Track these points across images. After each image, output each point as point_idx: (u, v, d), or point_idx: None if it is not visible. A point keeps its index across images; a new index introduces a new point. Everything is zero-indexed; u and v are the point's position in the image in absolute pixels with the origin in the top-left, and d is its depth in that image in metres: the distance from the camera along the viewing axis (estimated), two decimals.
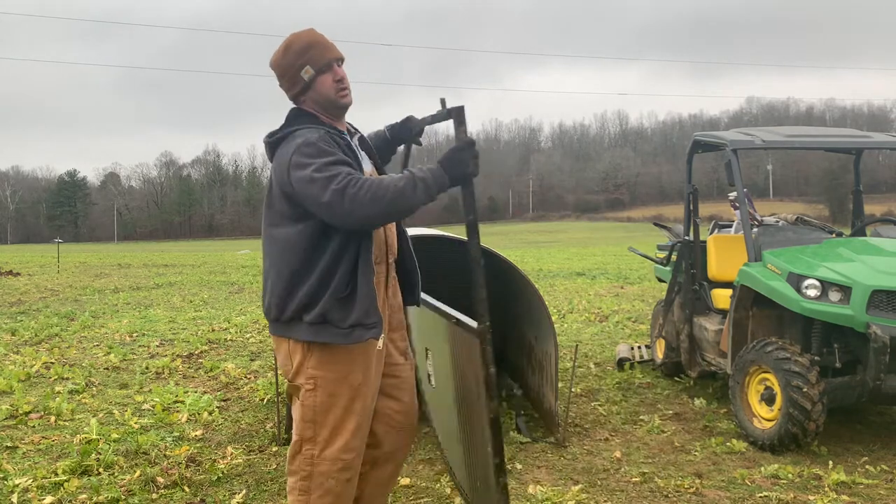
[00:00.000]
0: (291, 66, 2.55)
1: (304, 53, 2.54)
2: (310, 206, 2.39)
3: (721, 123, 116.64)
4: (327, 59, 2.56)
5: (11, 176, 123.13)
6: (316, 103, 2.59)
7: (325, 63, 2.55)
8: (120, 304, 13.20)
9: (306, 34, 2.59)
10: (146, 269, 25.43)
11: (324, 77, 2.56)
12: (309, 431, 2.53)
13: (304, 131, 2.47)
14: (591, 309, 11.77)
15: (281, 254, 2.49)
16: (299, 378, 2.54)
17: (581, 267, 23.49)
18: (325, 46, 2.57)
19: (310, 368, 2.51)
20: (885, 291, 4.29)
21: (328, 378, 2.50)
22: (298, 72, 2.54)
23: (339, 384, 2.51)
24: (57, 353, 7.84)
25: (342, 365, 2.51)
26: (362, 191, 2.30)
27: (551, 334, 4.64)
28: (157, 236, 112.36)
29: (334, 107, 2.60)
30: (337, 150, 2.43)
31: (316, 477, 2.53)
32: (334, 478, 2.53)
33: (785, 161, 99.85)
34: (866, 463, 4.27)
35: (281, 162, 2.45)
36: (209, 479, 3.96)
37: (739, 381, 4.76)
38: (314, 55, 2.54)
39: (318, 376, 2.51)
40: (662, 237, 7.31)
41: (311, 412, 2.52)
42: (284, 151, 2.46)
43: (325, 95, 2.57)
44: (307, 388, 2.52)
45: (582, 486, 3.87)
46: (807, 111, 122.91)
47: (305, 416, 2.53)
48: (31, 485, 3.82)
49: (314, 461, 2.53)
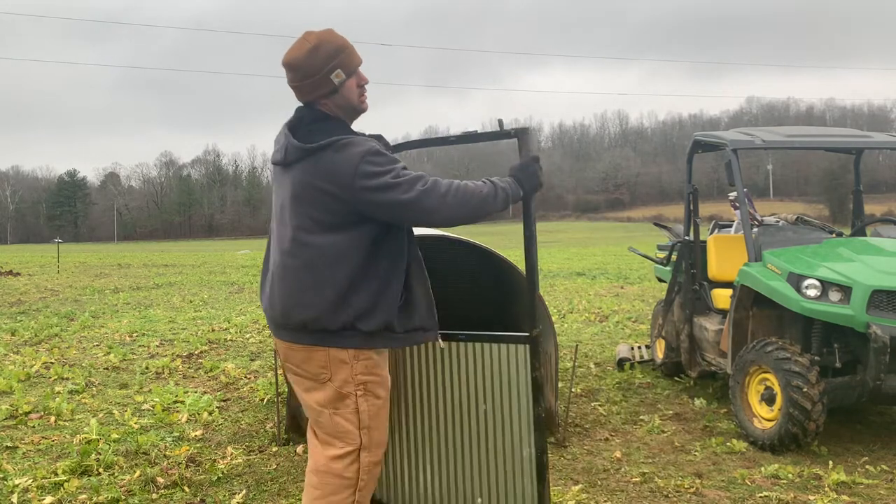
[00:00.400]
0: (321, 68, 2.47)
1: (335, 56, 2.48)
2: (382, 210, 2.38)
3: (721, 123, 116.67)
4: (356, 63, 2.54)
5: (11, 176, 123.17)
6: (338, 107, 2.54)
7: (354, 68, 2.53)
8: (120, 304, 13.20)
9: (334, 36, 2.52)
10: (146, 269, 25.43)
11: (351, 81, 2.53)
12: (366, 438, 2.53)
13: (359, 139, 2.43)
14: (591, 309, 11.77)
15: (326, 262, 2.42)
16: (349, 387, 2.50)
17: (581, 267, 23.49)
18: (353, 50, 2.54)
19: (359, 375, 2.50)
20: (886, 291, 4.28)
21: (374, 382, 2.53)
22: (329, 75, 2.47)
23: (381, 386, 2.57)
24: (57, 353, 7.84)
25: (381, 367, 2.58)
26: (451, 193, 2.39)
27: (551, 334, 4.65)
28: (157, 236, 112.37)
29: (354, 112, 2.58)
30: (393, 155, 2.47)
31: (370, 483, 2.57)
32: (376, 478, 2.62)
33: (785, 161, 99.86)
34: (866, 463, 4.27)
35: (340, 170, 2.36)
36: (209, 479, 3.96)
37: (739, 381, 4.76)
38: (345, 59, 2.50)
39: (367, 381, 2.52)
40: (662, 237, 7.31)
41: (367, 418, 2.53)
42: (342, 159, 2.37)
43: (349, 100, 2.54)
44: (359, 395, 2.51)
45: (582, 486, 3.87)
46: (807, 111, 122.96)
47: (362, 422, 2.52)
48: (31, 485, 3.82)
49: (370, 468, 2.54)
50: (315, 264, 2.43)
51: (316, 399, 2.54)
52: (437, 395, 2.94)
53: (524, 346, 2.80)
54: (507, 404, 2.84)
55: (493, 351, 2.85)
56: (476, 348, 2.88)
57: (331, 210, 2.41)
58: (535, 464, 2.81)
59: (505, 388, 2.84)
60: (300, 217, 2.44)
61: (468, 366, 2.89)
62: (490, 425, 2.88)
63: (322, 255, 2.43)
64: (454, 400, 2.92)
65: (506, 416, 2.84)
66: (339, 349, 2.48)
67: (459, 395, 2.91)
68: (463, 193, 2.41)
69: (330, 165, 2.39)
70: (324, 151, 2.41)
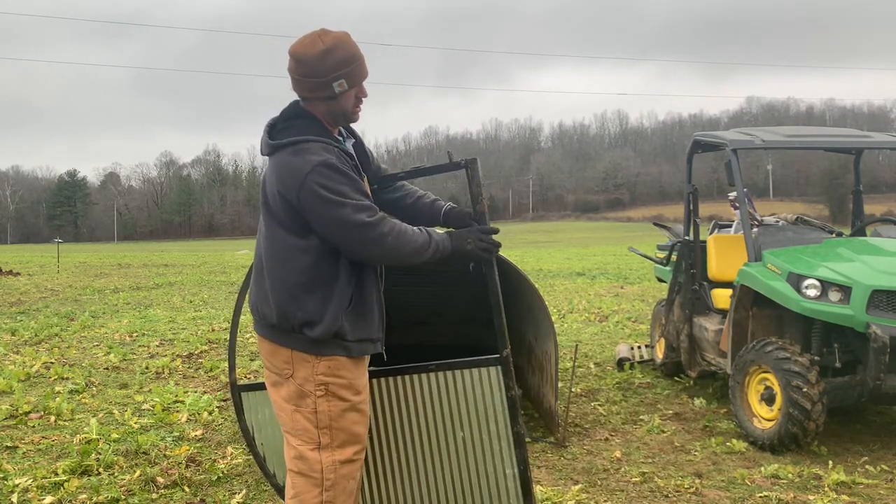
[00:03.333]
0: (327, 72, 2.42)
1: (345, 65, 2.44)
2: (322, 224, 2.37)
3: (721, 123, 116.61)
4: (362, 77, 2.50)
5: (11, 176, 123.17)
6: (329, 111, 2.50)
7: (359, 81, 2.50)
8: (120, 304, 13.20)
9: (348, 43, 2.46)
10: (146, 269, 25.44)
11: (351, 93, 2.49)
12: (326, 438, 2.50)
13: (319, 146, 2.40)
14: (591, 309, 11.77)
15: (283, 263, 2.45)
16: (309, 385, 2.49)
17: (581, 267, 23.50)
18: (363, 63, 2.50)
19: (320, 375, 2.48)
20: (885, 291, 4.29)
21: (338, 384, 2.49)
22: (332, 82, 2.43)
23: (347, 388, 2.51)
24: (57, 353, 7.83)
25: (349, 369, 2.51)
26: (392, 234, 2.40)
27: (551, 334, 4.64)
28: (156, 236, 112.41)
29: (345, 120, 2.55)
30: (354, 173, 2.43)
31: (340, 482, 2.51)
32: (354, 479, 2.55)
33: (785, 161, 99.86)
34: (866, 463, 4.27)
35: (289, 175, 2.37)
36: (209, 479, 3.96)
37: (739, 381, 4.76)
38: (353, 71, 2.46)
39: (329, 382, 2.48)
40: (662, 237, 7.31)
41: (326, 419, 2.49)
42: (295, 164, 2.37)
43: (343, 108, 2.50)
44: (319, 395, 2.49)
45: (582, 486, 3.87)
46: (807, 111, 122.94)
47: (321, 422, 2.49)
48: (31, 485, 3.82)
49: (336, 467, 2.50)
50: (272, 262, 2.48)
51: (280, 394, 2.54)
52: (412, 428, 2.88)
53: (496, 368, 2.78)
54: (484, 428, 2.82)
55: (466, 377, 2.81)
56: (448, 376, 2.83)
57: (284, 210, 2.42)
58: (520, 480, 2.82)
59: (481, 411, 2.81)
60: (265, 213, 2.51)
61: (441, 395, 2.84)
62: (470, 451, 2.84)
63: (276, 253, 2.46)
64: (430, 431, 2.86)
65: (485, 439, 2.82)
66: (297, 350, 2.48)
67: (436, 425, 2.85)
68: (402, 239, 2.41)
69: (284, 167, 2.39)
70: (283, 150, 2.43)
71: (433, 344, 5.61)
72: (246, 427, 3.36)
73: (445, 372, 2.83)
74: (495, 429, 2.81)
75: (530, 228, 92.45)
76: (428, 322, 5.78)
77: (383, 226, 2.39)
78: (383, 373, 2.87)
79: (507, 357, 2.76)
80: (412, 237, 2.45)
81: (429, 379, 2.85)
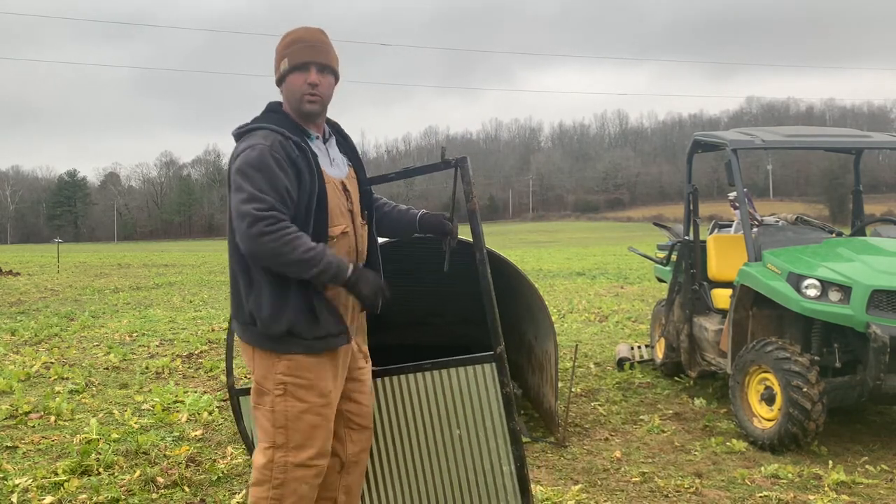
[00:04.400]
0: (277, 53, 2.52)
1: (290, 46, 2.50)
2: (229, 207, 2.39)
3: (721, 123, 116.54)
4: (305, 59, 2.47)
5: (11, 176, 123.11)
6: (286, 100, 2.54)
7: (301, 62, 2.47)
8: (120, 304, 13.20)
9: (302, 30, 2.55)
10: (146, 269, 25.44)
11: (296, 76, 2.47)
12: (281, 437, 2.47)
13: (260, 134, 2.41)
14: (591, 309, 11.77)
15: (233, 253, 2.47)
16: (267, 383, 2.46)
17: (581, 267, 23.50)
18: (311, 46, 2.49)
19: (279, 374, 2.45)
20: (885, 291, 4.29)
21: (298, 384, 2.44)
22: (279, 61, 2.51)
23: (309, 391, 2.46)
24: (57, 353, 7.84)
25: (312, 372, 2.46)
26: (274, 237, 2.28)
27: (551, 334, 4.64)
28: (157, 236, 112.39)
29: (298, 110, 2.51)
30: (279, 169, 2.35)
31: (290, 483, 2.47)
32: (308, 483, 2.50)
33: (785, 161, 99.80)
34: (866, 463, 4.27)
35: (231, 161, 2.44)
36: (209, 479, 3.96)
37: (739, 381, 4.76)
38: (295, 50, 2.48)
39: (288, 382, 2.45)
40: (662, 237, 7.31)
41: (282, 418, 2.46)
42: (236, 150, 2.43)
43: (292, 94, 2.49)
44: (277, 394, 2.46)
45: (582, 485, 3.87)
46: (807, 111, 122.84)
47: (277, 421, 2.47)
48: (31, 485, 3.82)
49: (287, 468, 2.47)
50: (229, 253, 2.50)
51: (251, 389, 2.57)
52: (409, 426, 2.88)
53: (490, 365, 2.78)
54: (480, 425, 2.82)
55: (460, 374, 2.81)
56: (443, 374, 2.83)
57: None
58: (517, 477, 2.81)
59: (476, 409, 2.81)
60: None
61: (437, 393, 2.84)
62: (467, 449, 2.84)
63: (231, 243, 2.48)
64: (427, 429, 2.86)
65: (481, 437, 2.82)
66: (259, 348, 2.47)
67: (432, 423, 2.86)
68: (284, 246, 2.29)
69: (233, 154, 2.46)
70: (240, 138, 2.48)
71: (432, 344, 5.61)
72: (245, 430, 3.36)
73: (440, 370, 2.83)
74: (491, 426, 2.81)
75: (530, 228, 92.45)
76: (427, 322, 5.79)
77: (268, 225, 2.28)
78: (379, 373, 2.87)
79: (502, 354, 2.75)
80: (298, 249, 2.30)
81: (424, 378, 2.85)
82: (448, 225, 2.75)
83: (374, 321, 3.04)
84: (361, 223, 2.65)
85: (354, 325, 2.64)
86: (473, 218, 2.72)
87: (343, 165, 2.63)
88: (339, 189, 2.54)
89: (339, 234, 2.51)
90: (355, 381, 2.68)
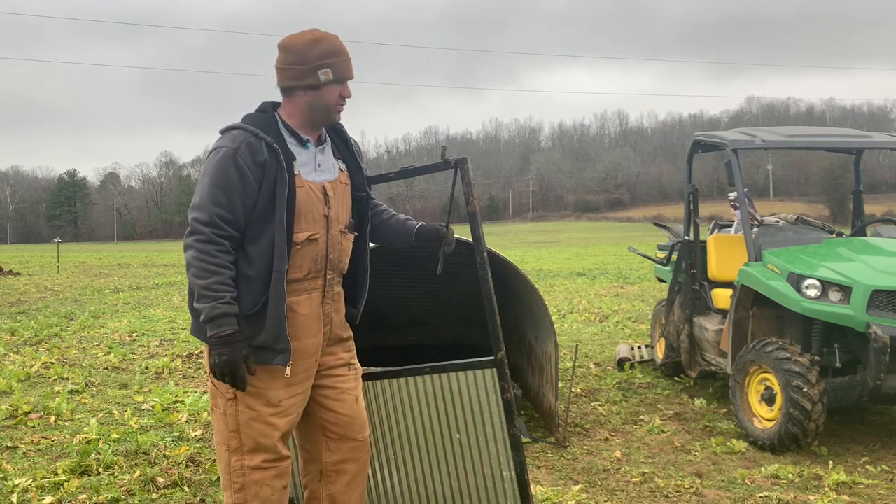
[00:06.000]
0: (313, 60, 2.42)
1: (332, 56, 2.44)
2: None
3: (721, 123, 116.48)
4: (347, 74, 2.49)
5: (11, 176, 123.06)
6: (310, 106, 2.48)
7: (344, 76, 2.48)
8: (120, 304, 13.20)
9: (337, 42, 2.49)
10: (146, 269, 25.44)
11: (334, 87, 2.46)
12: (235, 441, 2.44)
13: (231, 135, 2.39)
14: (591, 309, 11.77)
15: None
16: (221, 386, 2.43)
17: (581, 267, 23.50)
18: (350, 62, 2.51)
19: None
20: (886, 291, 4.28)
21: (246, 391, 2.39)
22: (317, 70, 2.42)
23: (257, 399, 2.42)
24: (57, 353, 7.84)
25: (260, 381, 2.41)
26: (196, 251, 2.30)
27: (551, 334, 4.64)
28: (156, 236, 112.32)
29: (326, 117, 2.51)
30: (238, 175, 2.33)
31: (250, 487, 2.44)
32: (269, 485, 2.46)
33: (785, 161, 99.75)
34: (866, 463, 4.27)
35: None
36: (209, 479, 3.96)
37: (739, 381, 4.76)
38: (340, 63, 2.46)
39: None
40: (662, 237, 7.32)
41: (234, 422, 2.43)
42: (209, 149, 2.45)
43: (326, 102, 2.47)
44: (228, 398, 2.43)
45: (582, 486, 3.87)
46: (807, 111, 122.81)
47: (230, 425, 2.44)
48: (31, 485, 3.81)
49: (244, 471, 2.44)
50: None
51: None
52: (408, 430, 2.87)
53: (491, 371, 2.75)
54: (481, 430, 2.80)
55: (461, 379, 2.79)
56: (443, 379, 2.81)
57: None
58: (517, 483, 2.80)
59: (477, 414, 2.79)
60: None
61: (437, 397, 2.82)
62: (467, 454, 2.83)
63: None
64: (426, 433, 2.85)
65: (481, 442, 2.81)
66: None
67: (432, 427, 2.84)
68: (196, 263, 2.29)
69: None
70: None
71: (433, 345, 5.61)
72: None
73: (440, 374, 2.82)
74: (491, 431, 2.79)
75: (530, 228, 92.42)
76: (428, 323, 5.79)
77: (197, 241, 2.30)
78: (378, 375, 2.86)
79: (503, 359, 2.73)
80: (207, 279, 2.28)
81: (423, 381, 2.83)
82: (443, 230, 2.73)
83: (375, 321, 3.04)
84: (341, 231, 2.56)
85: (321, 339, 2.55)
86: (474, 220, 2.70)
87: (333, 170, 2.57)
88: (317, 194, 2.47)
89: (305, 240, 2.44)
90: (331, 388, 2.61)
